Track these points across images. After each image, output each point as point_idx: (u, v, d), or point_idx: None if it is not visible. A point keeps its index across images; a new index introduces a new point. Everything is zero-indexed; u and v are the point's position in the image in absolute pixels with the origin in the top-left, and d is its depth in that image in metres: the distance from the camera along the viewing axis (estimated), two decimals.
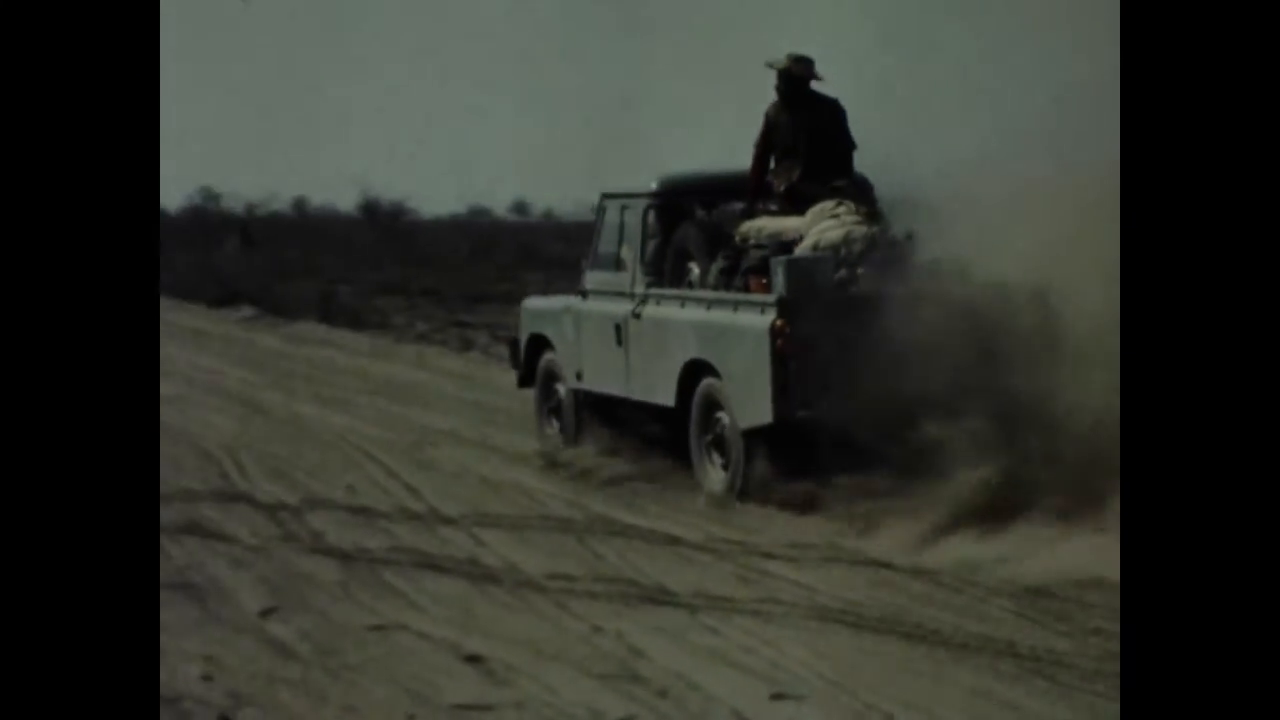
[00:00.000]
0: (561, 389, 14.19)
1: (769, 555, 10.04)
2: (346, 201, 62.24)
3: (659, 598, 9.14)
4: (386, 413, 17.11)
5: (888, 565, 9.73)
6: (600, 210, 14.00)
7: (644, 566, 9.83)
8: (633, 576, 9.60)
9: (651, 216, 13.15)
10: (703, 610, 8.82)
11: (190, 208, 70.91)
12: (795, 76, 12.58)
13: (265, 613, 9.00)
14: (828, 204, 12.04)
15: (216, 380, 20.68)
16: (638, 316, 12.90)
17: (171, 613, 8.96)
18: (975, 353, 10.53)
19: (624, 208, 13.52)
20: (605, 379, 13.43)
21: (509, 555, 10.22)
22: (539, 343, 14.51)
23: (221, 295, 32.32)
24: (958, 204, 11.21)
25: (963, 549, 9.93)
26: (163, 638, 8.39)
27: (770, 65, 12.68)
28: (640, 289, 13.03)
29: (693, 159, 13.50)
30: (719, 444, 11.99)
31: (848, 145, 12.65)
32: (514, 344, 15.08)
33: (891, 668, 7.82)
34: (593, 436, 13.67)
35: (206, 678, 7.81)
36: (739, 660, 7.93)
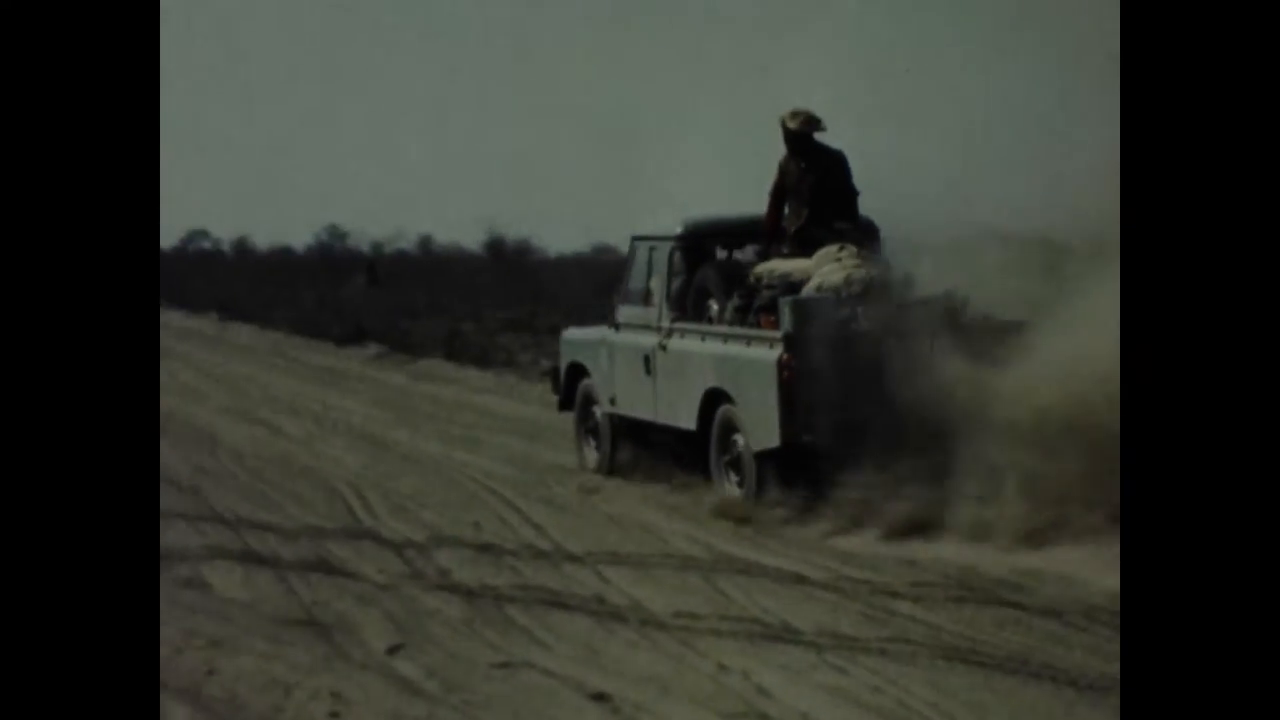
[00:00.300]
0: (598, 412, 15.53)
1: (895, 594, 9.99)
2: (472, 239, 62.48)
3: (785, 636, 9.11)
4: (512, 450, 17.16)
5: (1016, 605, 9.65)
6: (631, 251, 15.28)
7: (770, 605, 9.80)
8: (758, 615, 9.58)
9: (677, 257, 14.39)
10: (829, 649, 8.78)
11: (317, 245, 71.49)
12: (799, 132, 13.80)
13: (392, 650, 9.04)
14: (831, 248, 13.26)
15: (344, 417, 20.83)
16: (664, 348, 14.20)
17: (299, 649, 9.03)
18: (964, 382, 11.57)
19: (652, 249, 14.76)
20: (635, 404, 14.75)
21: (634, 593, 10.22)
22: (577, 370, 15.88)
23: (348, 333, 32.55)
24: (954, 246, 12.65)
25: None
26: (291, 675, 8.47)
27: (779, 121, 13.85)
28: (666, 323, 14.29)
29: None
30: (735, 464, 13.17)
31: (851, 193, 13.86)
32: (555, 371, 16.52)
33: (1020, 708, 7.75)
34: (625, 456, 15.06)
35: (334, 715, 7.86)
36: (866, 700, 7.88)
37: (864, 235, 13.62)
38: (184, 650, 9.05)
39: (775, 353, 12.51)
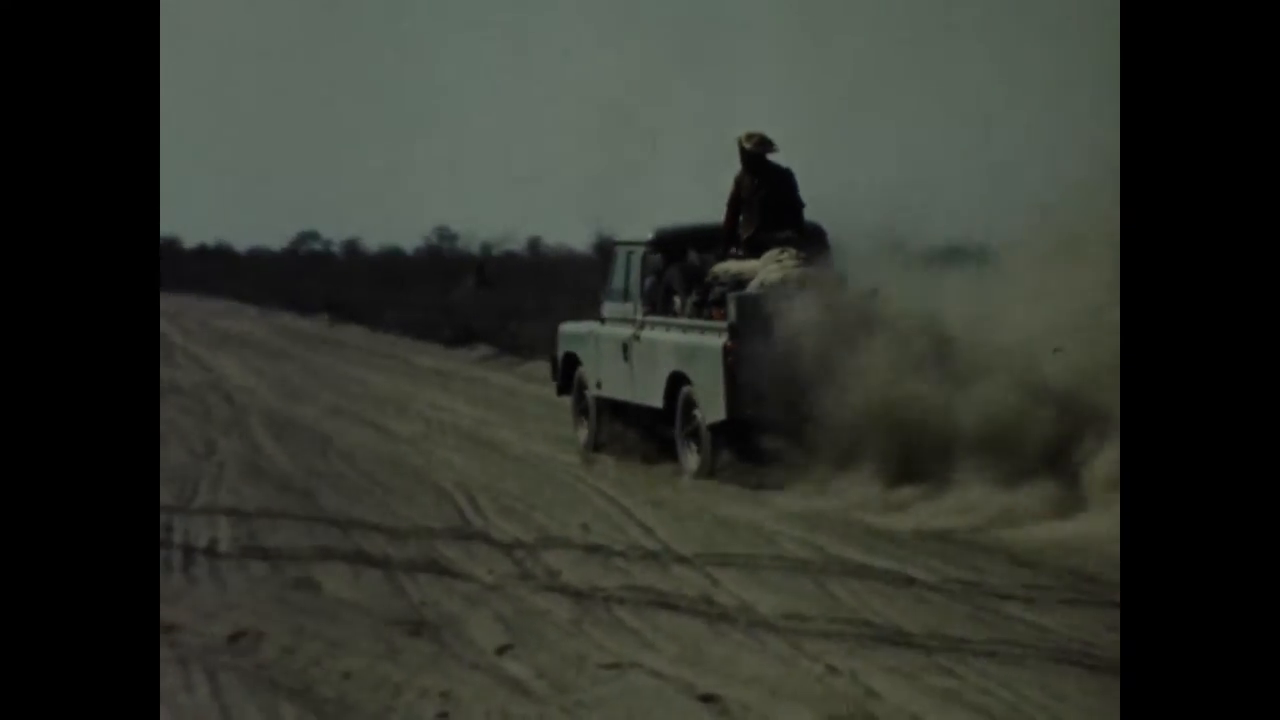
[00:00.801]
0: (588, 395, 17.68)
1: (1005, 596, 9.93)
2: (580, 240, 62.60)
3: (894, 638, 9.07)
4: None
5: None
6: (614, 254, 17.54)
7: (879, 607, 9.77)
8: (868, 617, 9.54)
9: (649, 259, 16.53)
10: (938, 651, 8.74)
11: (427, 247, 71.87)
12: (753, 152, 15.79)
13: (501, 650, 9.06)
14: (775, 251, 15.30)
15: (453, 419, 20.92)
16: (638, 338, 16.36)
17: (409, 650, 9.07)
18: (881, 363, 13.71)
19: (630, 253, 16.96)
20: (616, 387, 16.95)
21: (743, 594, 10.21)
22: (572, 359, 18.13)
23: (457, 335, 32.69)
24: (888, 250, 14.77)
25: None
26: (400, 675, 8.51)
27: (736, 141, 15.85)
28: (640, 317, 16.41)
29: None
30: (694, 436, 15.25)
31: (797, 204, 15.84)
32: (554, 361, 18.66)
33: None
34: (608, 432, 17.32)
35: (442, 715, 7.89)
36: (975, 701, 7.84)
37: (809, 240, 15.60)
38: (294, 650, 9.12)
39: (722, 340, 14.70)
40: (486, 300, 40.63)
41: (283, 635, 9.43)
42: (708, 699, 8.00)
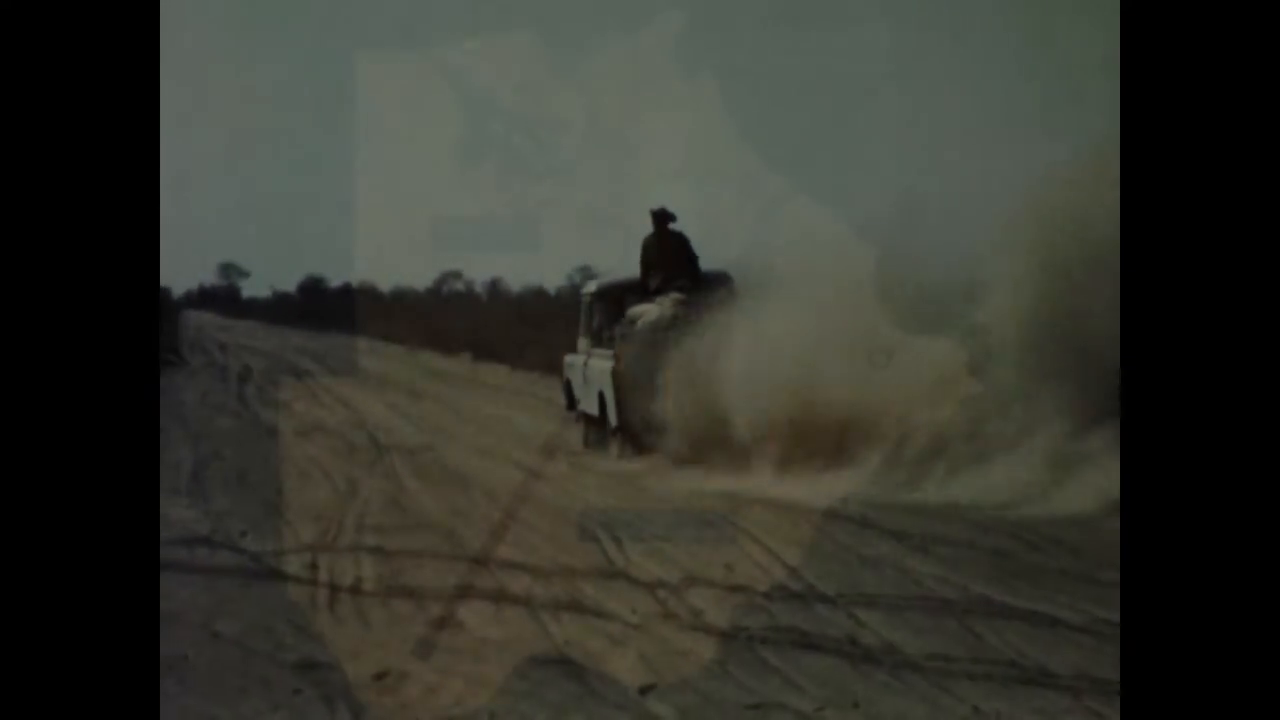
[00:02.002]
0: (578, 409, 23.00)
1: None
2: None
3: (1040, 680, 8.99)
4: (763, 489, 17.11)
5: None
6: (580, 300, 23.14)
7: (1024, 648, 9.68)
8: (1013, 658, 9.46)
9: (593, 305, 22.08)
10: (1085, 693, 8.65)
11: (570, 287, 72.11)
12: (658, 221, 21.10)
13: (644, 690, 9.06)
14: (665, 296, 20.27)
15: (595, 458, 20.97)
16: (587, 365, 21.83)
17: (553, 689, 9.09)
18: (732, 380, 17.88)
19: (584, 299, 22.56)
20: (584, 403, 22.23)
21: (887, 635, 10.15)
22: (570, 383, 23.48)
23: None
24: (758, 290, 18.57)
25: None
26: (543, 713, 8.52)
27: (650, 212, 21.10)
28: (589, 349, 21.98)
29: None
30: (614, 433, 20.30)
31: (692, 260, 21.07)
32: (562, 385, 24.11)
33: None
34: (592, 436, 21.94)
35: None
36: None
37: (712, 286, 20.01)
38: (438, 689, 9.16)
39: (611, 364, 20.04)
40: None
41: (426, 674, 9.47)
42: None
